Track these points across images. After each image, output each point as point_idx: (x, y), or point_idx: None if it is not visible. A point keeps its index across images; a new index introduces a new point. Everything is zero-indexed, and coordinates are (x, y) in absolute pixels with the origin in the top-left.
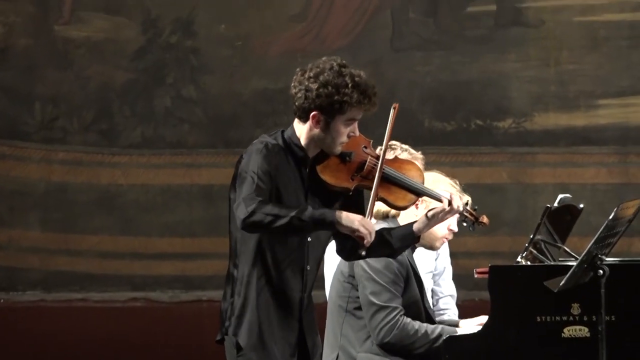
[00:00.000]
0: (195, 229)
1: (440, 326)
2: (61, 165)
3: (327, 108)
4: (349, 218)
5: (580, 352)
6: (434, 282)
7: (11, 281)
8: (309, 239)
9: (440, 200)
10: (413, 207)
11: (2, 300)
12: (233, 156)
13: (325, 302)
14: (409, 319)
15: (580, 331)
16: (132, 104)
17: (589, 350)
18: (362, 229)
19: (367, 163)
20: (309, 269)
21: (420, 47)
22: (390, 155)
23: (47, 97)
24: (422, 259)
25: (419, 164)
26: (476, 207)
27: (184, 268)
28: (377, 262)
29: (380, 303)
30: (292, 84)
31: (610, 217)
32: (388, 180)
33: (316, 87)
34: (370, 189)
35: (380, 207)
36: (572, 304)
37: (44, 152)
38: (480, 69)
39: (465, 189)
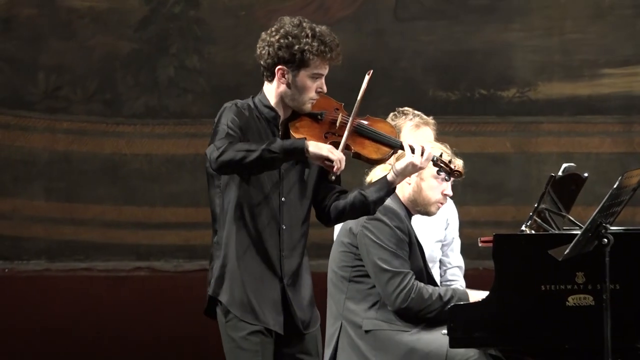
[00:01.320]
0: (199, 199)
1: (452, 289)
2: (65, 134)
3: (290, 59)
4: (318, 146)
5: (584, 320)
6: (443, 252)
7: (15, 250)
8: (283, 199)
9: (413, 151)
10: None
11: (6, 270)
12: None
13: (325, 271)
14: (422, 284)
15: (584, 300)
16: (135, 74)
17: (594, 319)
18: (331, 155)
19: (339, 120)
20: (284, 227)
21: (423, 16)
22: (401, 121)
23: (50, 67)
24: (430, 227)
25: (431, 128)
26: (450, 159)
27: (187, 237)
28: (380, 230)
29: (393, 269)
30: (257, 46)
31: (615, 186)
32: (361, 134)
33: (277, 38)
34: (345, 147)
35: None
36: (577, 273)
37: (47, 121)
38: (484, 38)
39: (469, 158)
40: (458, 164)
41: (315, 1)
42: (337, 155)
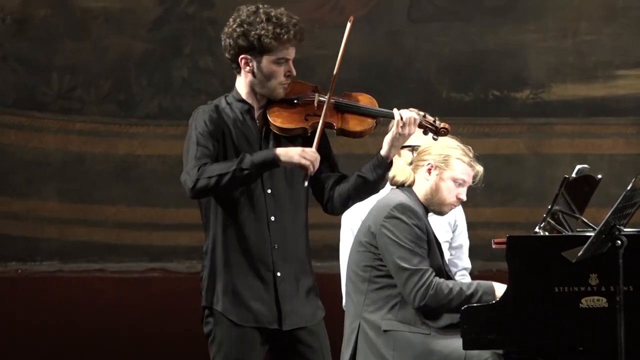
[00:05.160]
0: None
1: (476, 282)
2: (79, 135)
3: (249, 47)
4: (288, 154)
5: (598, 322)
6: (453, 254)
7: (29, 251)
8: (269, 191)
9: (394, 118)
10: (425, 172)
11: (19, 271)
12: None
13: (338, 273)
14: (442, 279)
15: (598, 301)
16: (149, 74)
17: (607, 321)
18: (302, 161)
19: (316, 100)
20: (273, 219)
21: (438, 17)
22: None
23: (64, 67)
24: (438, 228)
25: None
26: (435, 119)
27: (201, 238)
28: (398, 228)
29: (412, 267)
30: (221, 39)
31: (629, 187)
32: (341, 110)
33: (234, 28)
34: (327, 125)
35: (397, 177)
36: (590, 275)
37: (61, 122)
38: (498, 39)
39: (483, 159)
40: (445, 125)
41: (330, 1)
42: (308, 159)
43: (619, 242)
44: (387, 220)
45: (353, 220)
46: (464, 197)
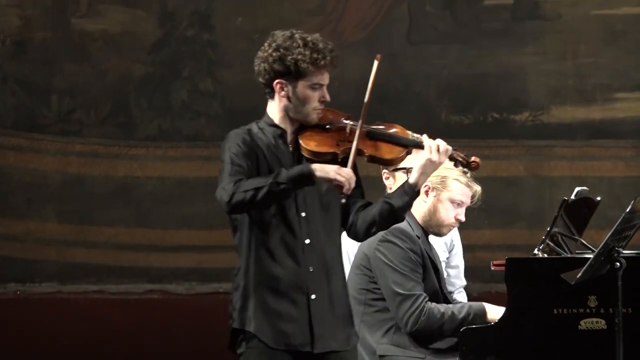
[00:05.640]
0: (211, 221)
1: (467, 304)
2: (78, 157)
3: (285, 72)
4: (324, 169)
5: (596, 344)
6: (448, 273)
7: (28, 273)
8: (303, 214)
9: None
10: (423, 194)
11: (18, 292)
12: None
13: None
14: (433, 304)
15: (597, 324)
16: (149, 96)
17: (606, 343)
18: (338, 177)
19: (348, 127)
20: (307, 242)
21: (437, 40)
22: None
23: (64, 89)
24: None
25: None
26: (466, 154)
27: (200, 260)
28: (392, 252)
29: (405, 292)
30: (254, 65)
31: (627, 209)
32: (372, 137)
33: (270, 52)
34: (358, 152)
35: None
36: (589, 297)
37: (61, 144)
38: (497, 62)
39: (482, 181)
40: (476, 158)
41: (329, 25)
42: (345, 176)
43: (618, 264)
44: (381, 243)
45: (349, 243)
46: (463, 218)
